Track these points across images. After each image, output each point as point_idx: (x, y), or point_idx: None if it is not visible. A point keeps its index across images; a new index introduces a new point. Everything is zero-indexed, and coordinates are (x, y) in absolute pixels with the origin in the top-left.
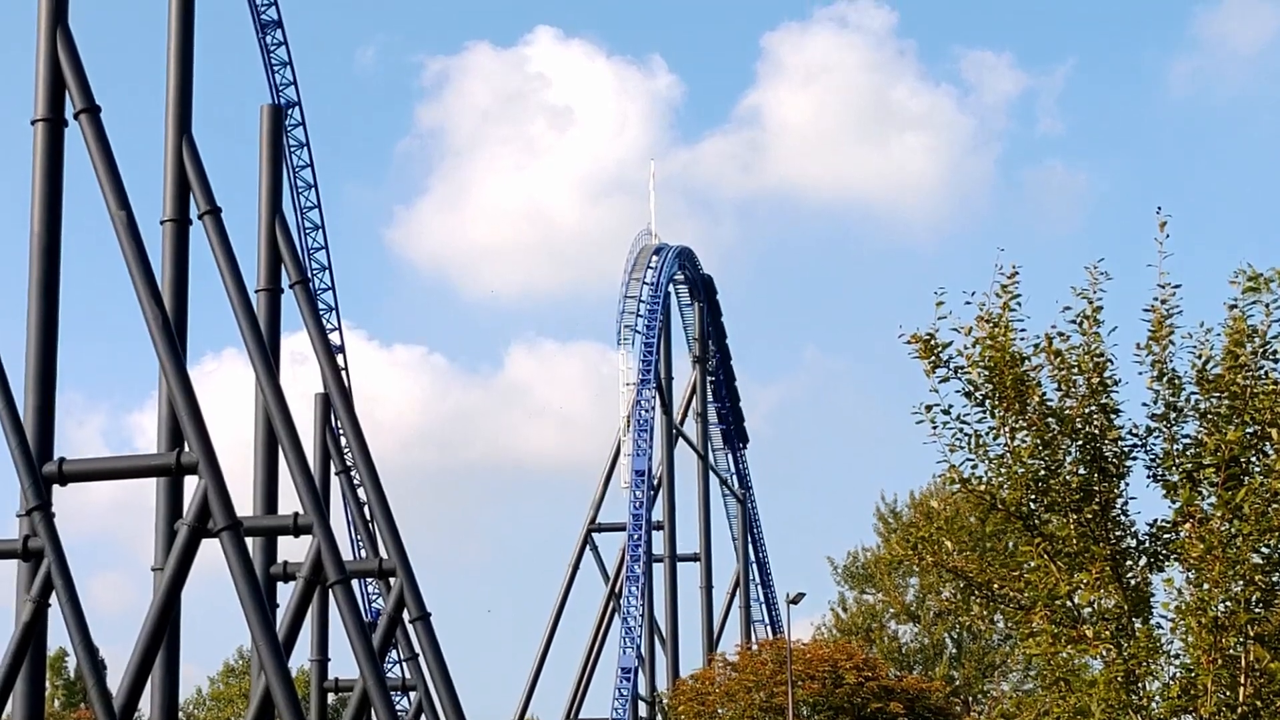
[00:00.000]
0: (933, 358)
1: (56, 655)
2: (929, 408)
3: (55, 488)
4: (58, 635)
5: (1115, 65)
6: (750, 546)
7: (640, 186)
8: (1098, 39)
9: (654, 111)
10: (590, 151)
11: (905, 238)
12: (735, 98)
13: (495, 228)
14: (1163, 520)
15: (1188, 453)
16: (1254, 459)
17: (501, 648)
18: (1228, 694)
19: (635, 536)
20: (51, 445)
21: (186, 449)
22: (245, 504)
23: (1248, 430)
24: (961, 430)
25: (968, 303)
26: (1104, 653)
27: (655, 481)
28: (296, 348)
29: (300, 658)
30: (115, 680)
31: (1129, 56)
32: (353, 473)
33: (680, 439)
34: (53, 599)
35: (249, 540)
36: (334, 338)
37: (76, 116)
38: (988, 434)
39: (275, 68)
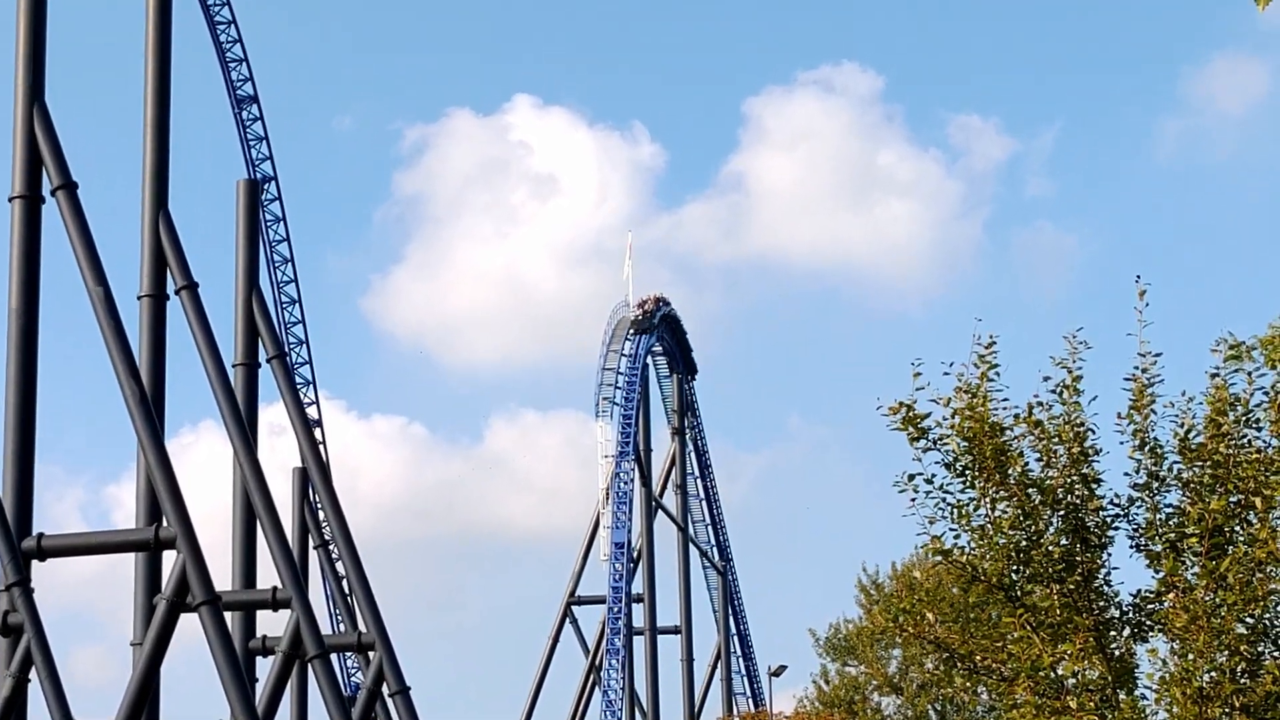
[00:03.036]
0: (911, 429)
1: None
2: (911, 477)
3: (34, 563)
4: (37, 711)
5: (1103, 127)
6: (731, 618)
7: (622, 254)
8: (1085, 100)
9: (636, 178)
10: (572, 220)
11: (892, 303)
12: (718, 163)
13: (474, 296)
14: (1146, 590)
15: (1171, 522)
16: (1238, 528)
17: None
18: None
19: (615, 609)
20: (30, 520)
21: (165, 524)
22: (224, 578)
23: (1231, 499)
24: (943, 500)
25: (946, 373)
26: None
27: (635, 554)
28: (275, 419)
29: None
30: None
31: (1116, 118)
32: (331, 546)
33: (659, 511)
34: (32, 674)
35: (228, 614)
36: (312, 411)
37: (54, 193)
38: (969, 504)
39: (251, 142)
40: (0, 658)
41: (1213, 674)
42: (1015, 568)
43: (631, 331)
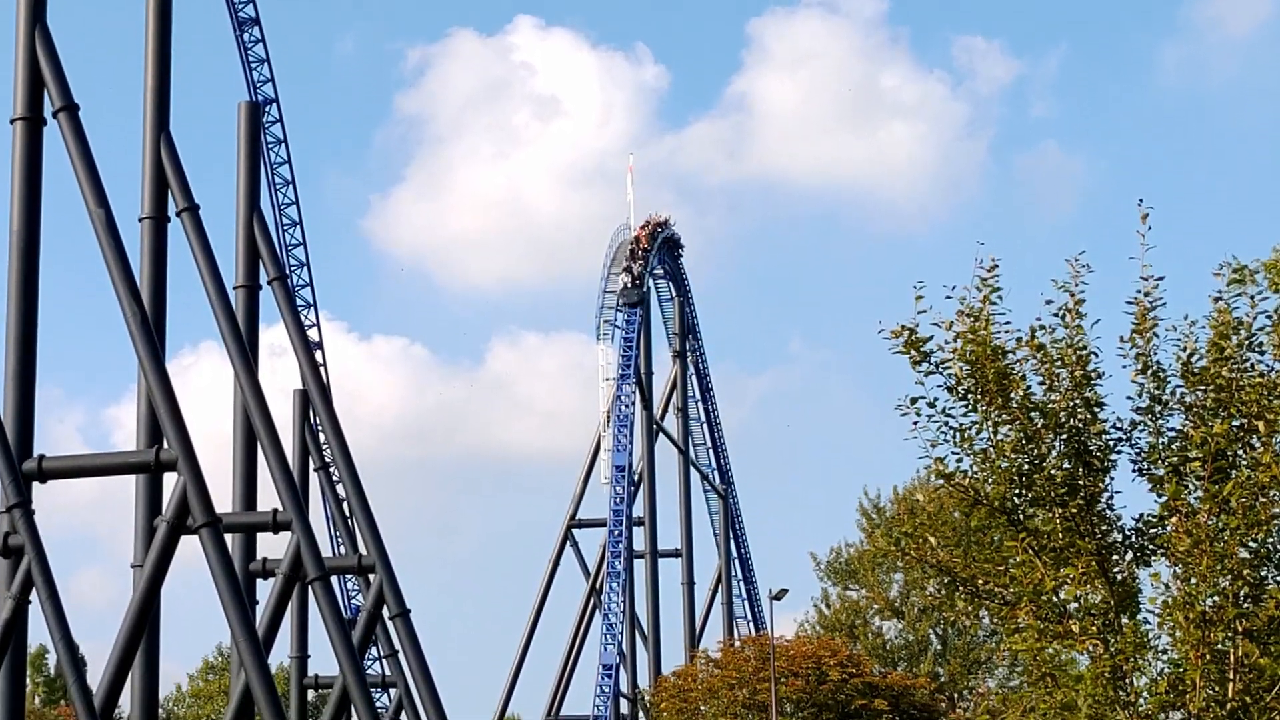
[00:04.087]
0: (913, 352)
1: (37, 652)
2: (913, 400)
3: (35, 485)
4: (38, 632)
5: (1108, 49)
6: (732, 542)
7: (624, 176)
8: (1090, 24)
9: (639, 100)
10: (574, 141)
11: (895, 226)
12: (721, 85)
13: (475, 217)
14: (1149, 514)
15: (1173, 446)
16: (1240, 452)
17: (482, 644)
18: (1216, 689)
19: (616, 532)
20: (31, 442)
21: (165, 446)
22: (224, 500)
23: (1234, 423)
24: (945, 424)
25: (948, 297)
26: (1090, 648)
27: (636, 477)
28: (275, 340)
29: (280, 654)
30: (95, 677)
31: (1121, 40)
32: (332, 469)
33: (660, 434)
34: (33, 596)
35: (228, 537)
36: (312, 334)
37: (55, 115)
38: (971, 428)
39: (253, 65)
40: (1, 579)
41: (1215, 598)
42: (1017, 491)
43: (622, 303)
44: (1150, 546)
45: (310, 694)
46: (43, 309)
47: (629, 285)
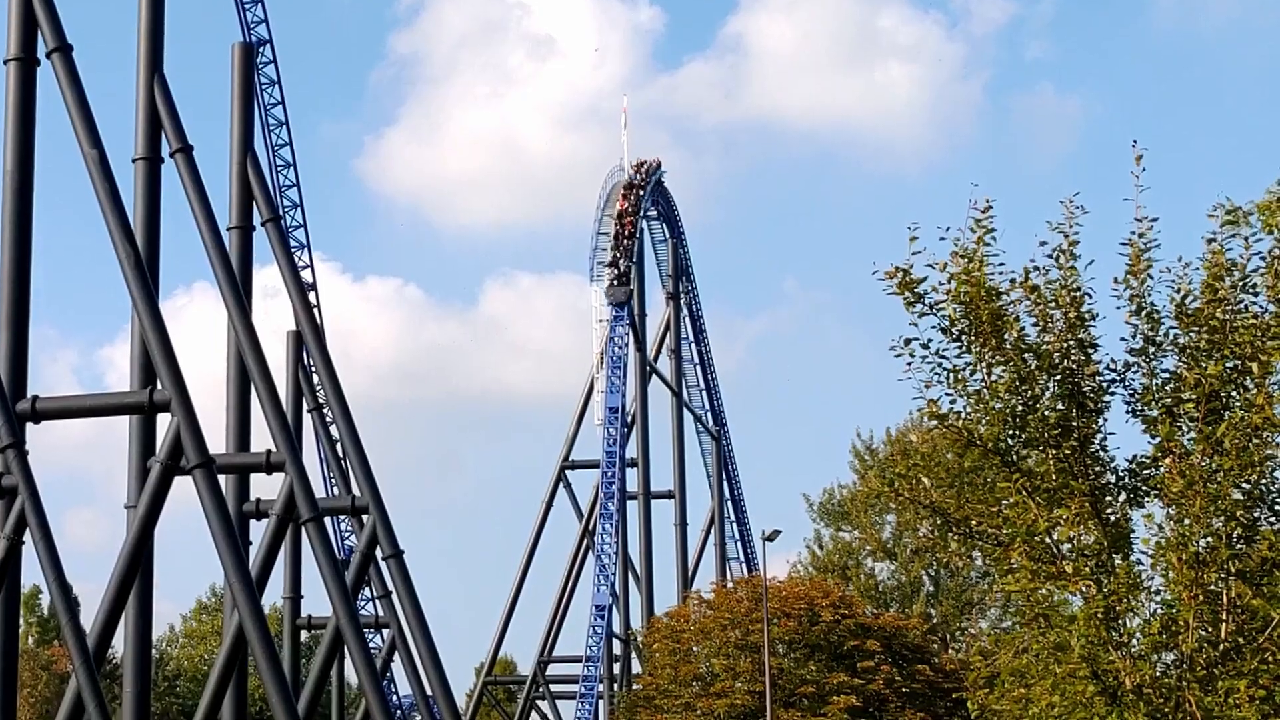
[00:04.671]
0: (908, 294)
1: (30, 592)
2: (907, 342)
3: (29, 425)
4: (31, 572)
5: None
6: (725, 483)
7: (618, 116)
8: None
9: (634, 40)
10: (568, 81)
11: (890, 166)
12: (716, 25)
13: (469, 158)
14: (1142, 456)
15: (1167, 387)
16: (1234, 393)
17: (476, 585)
18: (1209, 630)
19: (609, 473)
20: (25, 383)
21: (159, 387)
22: (218, 441)
23: (1227, 364)
24: (939, 365)
25: (942, 238)
26: (1084, 589)
27: (629, 418)
28: (269, 281)
29: (273, 595)
30: (89, 618)
31: None
32: (325, 410)
33: (654, 375)
34: (26, 536)
35: (221, 478)
36: (306, 275)
37: (49, 56)
38: (965, 369)
39: (246, 6)
40: None
41: (1209, 539)
42: (1011, 432)
43: (609, 301)
44: (1144, 488)
45: (303, 635)
46: (36, 250)
47: (614, 282)
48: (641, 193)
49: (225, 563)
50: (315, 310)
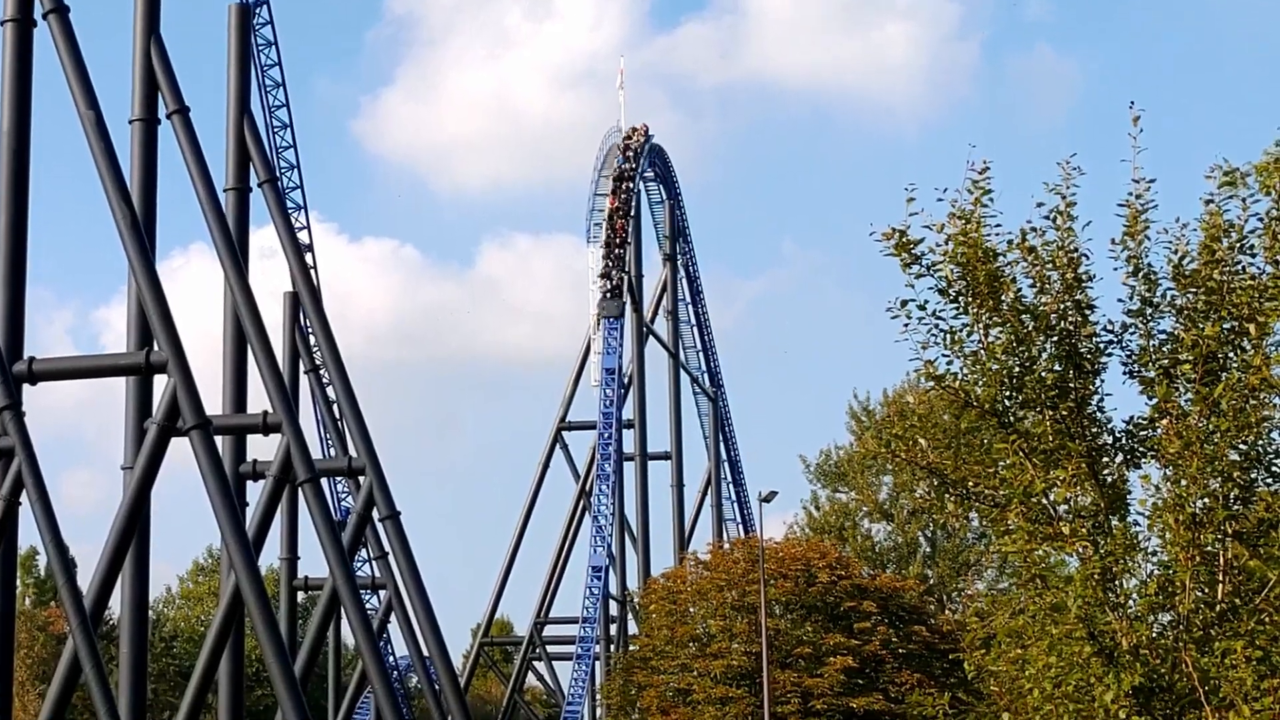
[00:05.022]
0: (905, 255)
1: (27, 554)
2: (904, 303)
3: (25, 387)
4: (28, 534)
5: None
6: (722, 444)
7: (615, 77)
8: None
9: (632, 1)
10: (565, 42)
11: (887, 127)
12: None
13: (465, 119)
14: (1139, 417)
15: (1164, 349)
16: (1231, 354)
17: (472, 546)
18: (1206, 591)
19: (605, 435)
20: (21, 344)
21: (155, 348)
22: (214, 403)
23: (1225, 326)
24: (936, 326)
25: (940, 199)
26: (1080, 550)
27: (626, 379)
28: (265, 242)
29: (270, 556)
30: (86, 579)
31: None
32: (322, 371)
33: (651, 336)
34: (23, 497)
35: (218, 439)
36: (303, 236)
37: (45, 17)
38: (962, 330)
39: None
40: None
41: (1205, 500)
42: (1008, 394)
43: (604, 314)
44: (1140, 449)
45: (300, 595)
46: (32, 211)
47: (607, 295)
48: (632, 184)
49: (222, 524)
50: (312, 271)
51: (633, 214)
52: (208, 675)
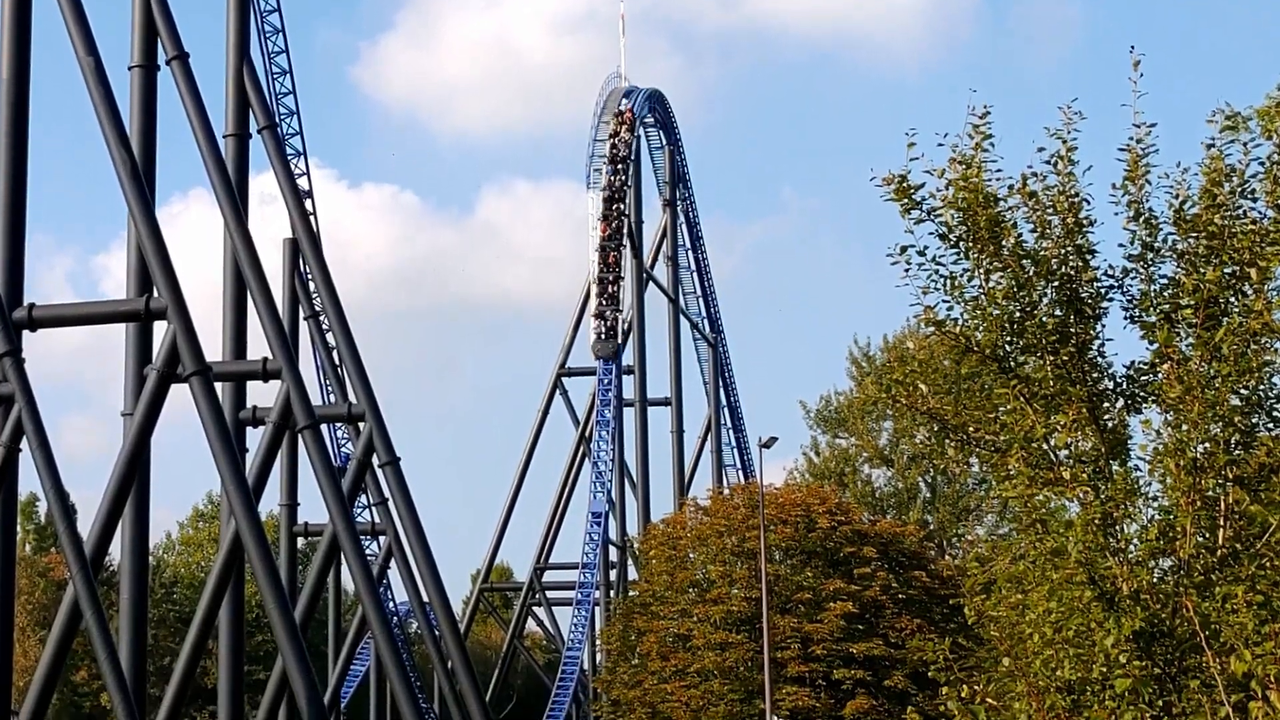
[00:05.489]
0: (906, 200)
1: (27, 500)
2: (903, 249)
3: (25, 333)
4: (28, 480)
5: None
6: (722, 391)
7: (615, 20)
8: None
9: None
10: None
11: (888, 71)
12: None
13: (465, 63)
14: (1140, 362)
15: (1165, 293)
16: (1232, 299)
17: (472, 492)
18: (1207, 536)
19: (605, 381)
20: (21, 291)
21: (155, 294)
22: (214, 349)
23: (1226, 270)
24: (936, 272)
25: (940, 144)
26: (1081, 495)
27: (625, 325)
28: (265, 189)
29: (270, 503)
30: (86, 525)
31: None
32: (321, 317)
33: (650, 282)
34: (23, 444)
35: (218, 385)
36: (302, 182)
37: None
38: (962, 276)
39: None
40: None
41: (1206, 445)
42: (1008, 339)
43: (596, 346)
44: (1141, 394)
45: (300, 542)
46: (32, 158)
47: (602, 335)
48: (623, 205)
49: (222, 470)
50: (311, 218)
51: (632, 160)
52: (208, 621)
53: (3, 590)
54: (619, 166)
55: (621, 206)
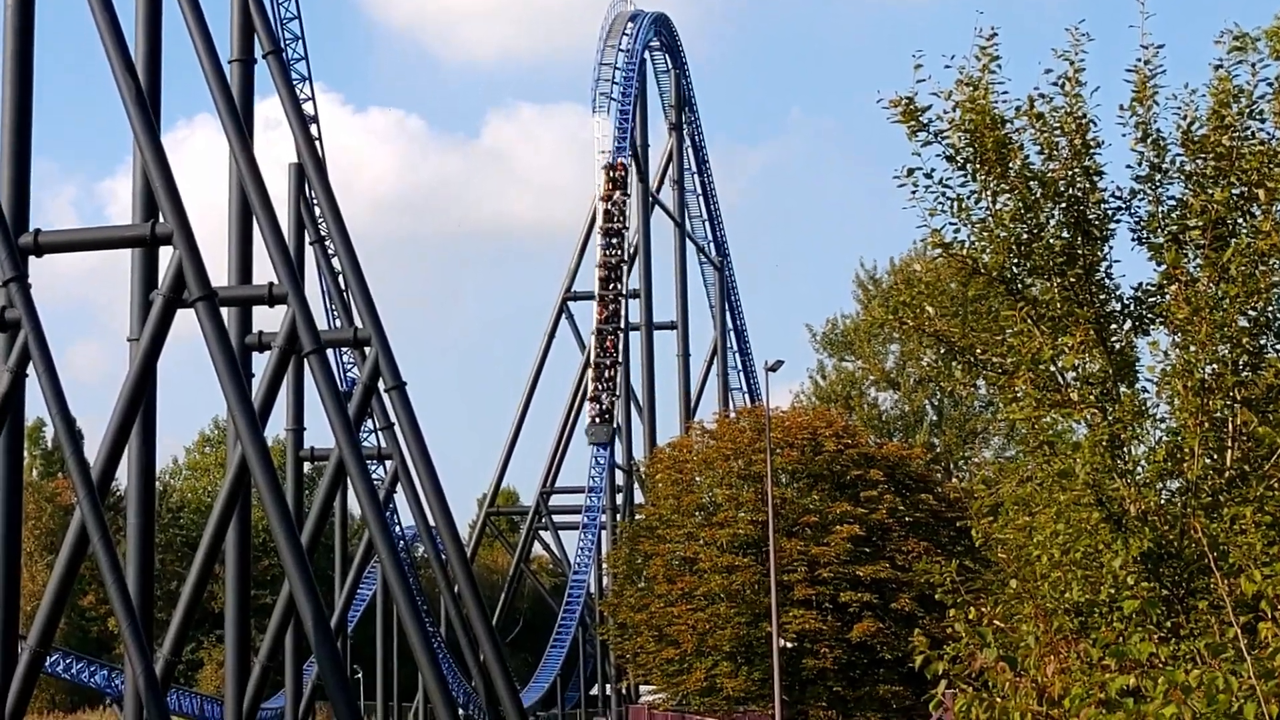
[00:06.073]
0: (913, 121)
1: (34, 425)
2: (910, 171)
3: (31, 259)
4: (35, 405)
5: None
6: (728, 314)
7: None
8: None
9: None
10: None
11: None
12: None
13: None
14: (1148, 283)
15: (1173, 214)
16: (1240, 220)
17: (478, 416)
18: (1214, 458)
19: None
20: (27, 217)
21: (161, 220)
22: (220, 274)
23: (1234, 191)
24: (943, 194)
25: (947, 66)
26: (1088, 417)
27: (631, 250)
28: (270, 114)
29: (276, 427)
30: (93, 450)
31: None
32: (327, 242)
33: (656, 206)
34: (29, 369)
35: (224, 310)
36: (307, 107)
37: None
38: (969, 198)
39: None
40: None
41: (1214, 366)
42: (1016, 260)
43: (591, 441)
44: (1149, 315)
45: (306, 467)
46: (37, 83)
47: (597, 420)
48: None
49: (228, 395)
50: (317, 143)
51: (638, 84)
52: (214, 546)
53: (9, 516)
54: (613, 240)
55: (619, 287)
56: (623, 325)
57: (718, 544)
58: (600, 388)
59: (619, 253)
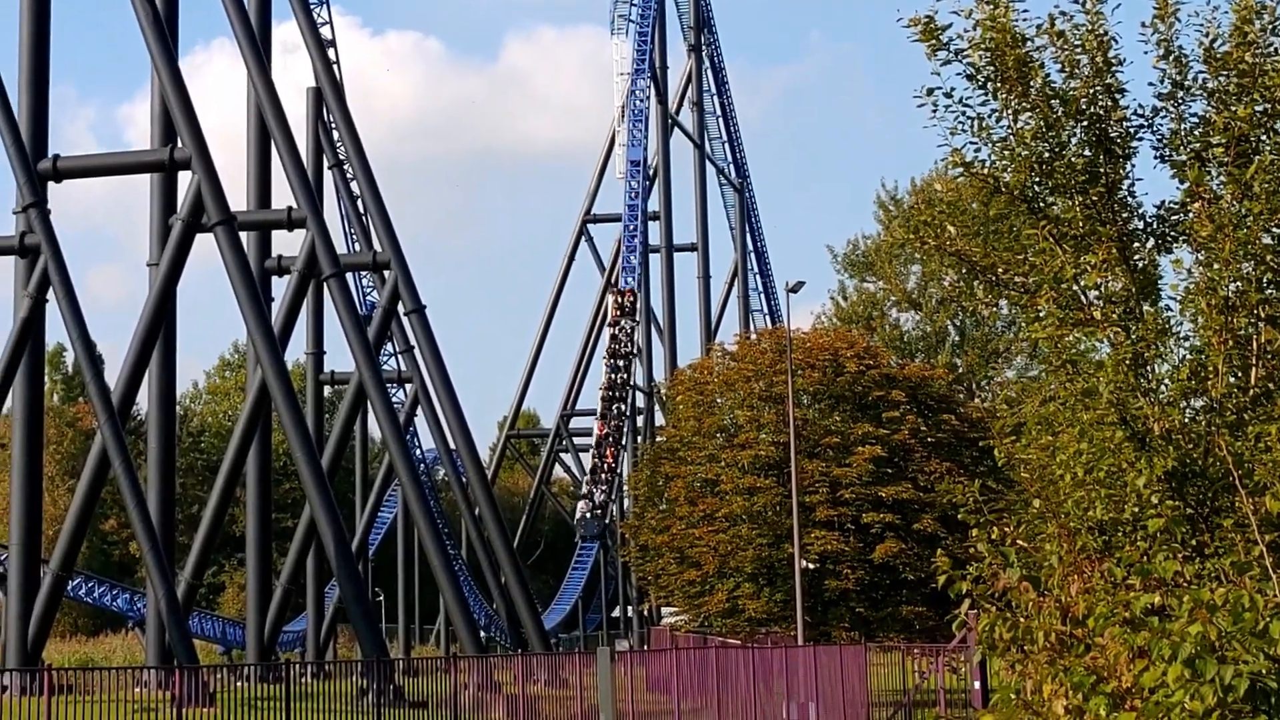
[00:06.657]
0: (933, 40)
1: (55, 350)
2: (930, 91)
3: (50, 185)
4: (55, 330)
5: None
6: (748, 236)
7: None
8: None
9: None
10: None
11: None
12: None
13: None
14: (1171, 201)
15: (1195, 132)
16: (1264, 137)
17: (498, 340)
18: (1239, 376)
19: (631, 227)
20: (46, 143)
21: (179, 145)
22: (239, 199)
23: (1257, 108)
24: (964, 113)
25: None
26: (1111, 335)
27: (651, 171)
28: (287, 37)
29: (296, 351)
30: (113, 375)
31: None
32: (346, 166)
33: (676, 128)
34: (50, 294)
35: (243, 235)
36: (325, 31)
37: None
38: (990, 117)
39: None
40: (18, 278)
41: (1238, 284)
42: (1037, 179)
43: (581, 535)
44: (1172, 233)
45: (326, 390)
46: (54, 8)
47: (589, 514)
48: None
49: (247, 319)
50: (335, 66)
51: (655, 8)
52: (235, 469)
53: (31, 440)
54: (619, 363)
55: (623, 407)
56: (626, 432)
57: (739, 465)
58: (592, 485)
59: (625, 374)
